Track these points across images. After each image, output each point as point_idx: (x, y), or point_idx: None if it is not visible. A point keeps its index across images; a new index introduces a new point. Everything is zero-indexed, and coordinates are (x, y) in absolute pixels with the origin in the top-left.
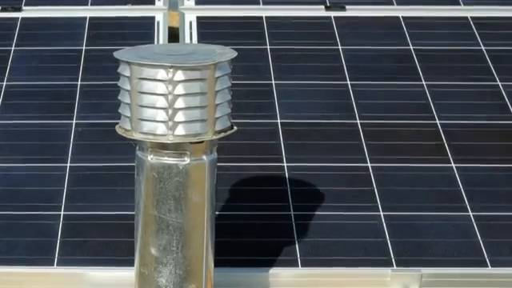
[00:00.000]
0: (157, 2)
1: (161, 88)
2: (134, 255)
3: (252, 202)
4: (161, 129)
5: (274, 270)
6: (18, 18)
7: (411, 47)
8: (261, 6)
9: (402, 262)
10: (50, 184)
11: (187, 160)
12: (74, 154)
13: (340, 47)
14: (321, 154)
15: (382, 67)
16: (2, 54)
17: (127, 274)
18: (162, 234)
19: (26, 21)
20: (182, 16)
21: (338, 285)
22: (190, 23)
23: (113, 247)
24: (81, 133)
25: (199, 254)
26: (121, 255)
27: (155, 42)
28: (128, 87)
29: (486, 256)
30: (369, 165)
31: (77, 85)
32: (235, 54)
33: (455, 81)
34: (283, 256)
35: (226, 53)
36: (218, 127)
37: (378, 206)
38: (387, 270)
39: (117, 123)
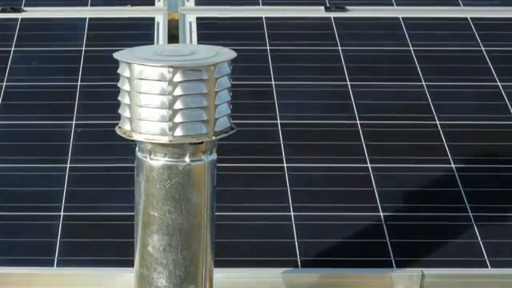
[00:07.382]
0: (156, 3)
1: (160, 88)
2: (133, 256)
3: (252, 202)
4: (160, 129)
5: (273, 271)
6: (17, 19)
7: (411, 48)
8: (261, 7)
9: (403, 263)
10: (49, 184)
11: (187, 161)
12: (73, 154)
13: (340, 48)
14: (320, 154)
15: (382, 68)
16: (1, 55)
17: (127, 275)
18: (162, 234)
19: (25, 21)
20: (182, 17)
21: (338, 285)
22: (190, 24)
23: (112, 248)
24: (80, 134)
25: (199, 255)
26: (120, 256)
27: (155, 43)
28: (128, 88)
29: (486, 256)
30: (369, 165)
31: (76, 85)
32: (235, 54)
33: (455, 81)
34: (283, 256)
35: (226, 53)
36: (218, 128)
37: (377, 207)
38: (387, 271)
39: (116, 124)
